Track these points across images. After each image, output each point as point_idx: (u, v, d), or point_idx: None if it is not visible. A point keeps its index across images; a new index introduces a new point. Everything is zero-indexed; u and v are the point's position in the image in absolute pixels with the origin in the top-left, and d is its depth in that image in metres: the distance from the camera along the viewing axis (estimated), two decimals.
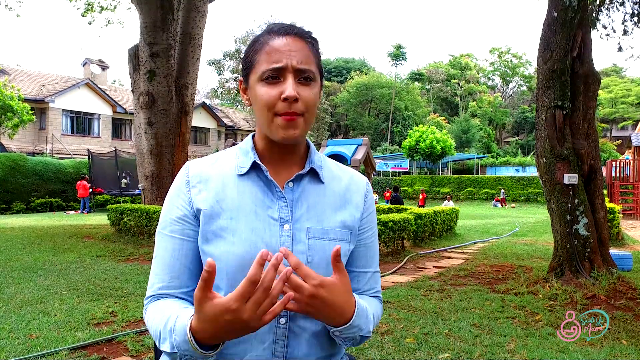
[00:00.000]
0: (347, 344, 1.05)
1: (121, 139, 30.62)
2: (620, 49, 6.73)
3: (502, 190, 28.16)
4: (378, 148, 44.87)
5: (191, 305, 1.01)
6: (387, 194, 25.30)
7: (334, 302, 0.92)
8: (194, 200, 1.05)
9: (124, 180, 19.85)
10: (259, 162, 1.05)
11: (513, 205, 26.63)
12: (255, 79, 1.02)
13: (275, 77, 1.00)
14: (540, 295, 5.29)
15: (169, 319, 0.94)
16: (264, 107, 1.00)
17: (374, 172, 21.70)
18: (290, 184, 1.06)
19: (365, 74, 53.13)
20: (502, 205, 27.05)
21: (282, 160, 1.08)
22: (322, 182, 1.10)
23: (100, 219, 14.18)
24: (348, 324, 0.97)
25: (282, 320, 1.00)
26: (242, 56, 1.12)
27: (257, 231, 1.01)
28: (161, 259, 1.06)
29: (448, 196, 25.17)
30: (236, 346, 1.00)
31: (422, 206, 19.14)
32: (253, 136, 1.12)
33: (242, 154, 1.09)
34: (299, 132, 1.01)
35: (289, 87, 0.98)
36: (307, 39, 1.05)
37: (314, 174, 1.09)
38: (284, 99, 0.98)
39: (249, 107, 1.14)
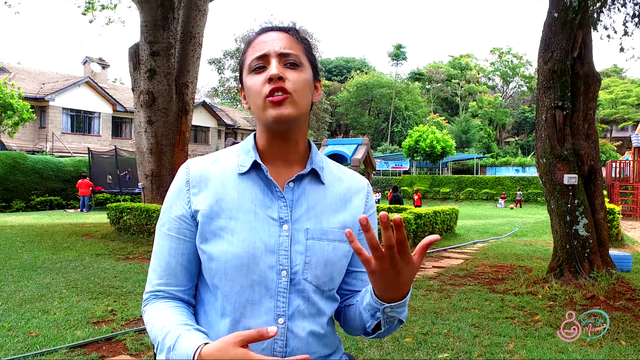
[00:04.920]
0: (386, 327, 1.04)
1: (121, 138, 30.61)
2: (622, 49, 6.72)
3: (520, 192, 27.18)
4: (378, 148, 44.86)
5: (187, 314, 1.03)
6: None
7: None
8: (192, 201, 1.05)
9: (108, 176, 19.91)
10: (259, 161, 1.05)
11: (511, 206, 26.47)
12: (245, 74, 1.06)
13: (261, 66, 1.03)
14: (540, 296, 5.29)
15: (168, 334, 0.95)
16: (254, 94, 1.03)
17: (374, 172, 21.68)
18: (291, 184, 1.06)
19: (366, 73, 53.11)
20: (517, 206, 26.44)
21: (283, 159, 1.08)
22: (323, 184, 1.10)
23: (99, 218, 14.18)
24: (404, 299, 0.99)
25: (281, 320, 1.00)
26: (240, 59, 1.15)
27: (256, 231, 1.01)
28: (159, 256, 1.07)
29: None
30: None
31: (419, 206, 18.74)
32: (255, 135, 1.12)
33: (244, 152, 1.09)
34: (289, 110, 1.01)
35: (273, 68, 1.01)
36: (289, 32, 1.08)
37: (314, 175, 1.09)
38: (269, 79, 1.00)
39: (248, 107, 1.16)
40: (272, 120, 1.01)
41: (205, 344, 0.90)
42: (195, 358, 0.88)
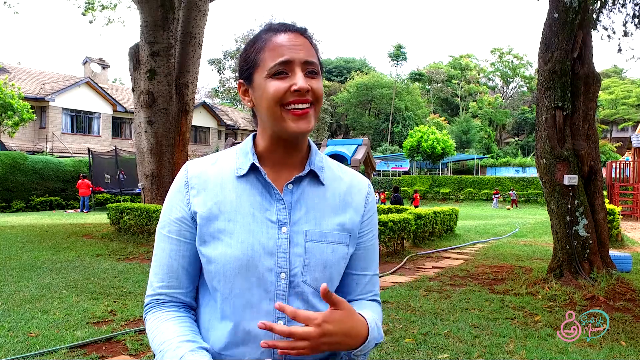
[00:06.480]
0: (365, 357, 1.05)
1: (121, 138, 30.61)
2: (620, 50, 6.73)
3: (514, 192, 27.23)
4: (378, 148, 44.86)
5: (189, 324, 1.03)
6: (382, 195, 24.50)
7: (344, 329, 0.94)
8: (191, 203, 1.05)
9: (107, 176, 19.93)
10: (257, 164, 1.05)
11: (509, 207, 26.37)
12: (261, 77, 1.02)
13: (283, 72, 1.00)
14: (540, 296, 5.29)
15: (168, 352, 0.95)
16: (273, 101, 0.99)
17: (374, 172, 21.67)
18: (290, 186, 1.06)
19: (366, 73, 53.12)
20: (513, 207, 26.41)
21: (284, 161, 1.08)
22: (323, 184, 1.09)
23: (100, 218, 14.18)
24: (366, 342, 0.98)
25: (280, 323, 1.00)
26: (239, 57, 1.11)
27: (254, 233, 1.01)
28: (160, 259, 1.07)
29: None
30: (235, 348, 1.00)
31: (417, 207, 18.58)
32: (254, 136, 1.11)
33: (242, 154, 1.08)
34: (310, 125, 1.01)
35: (300, 79, 0.99)
36: (305, 35, 1.06)
37: (314, 176, 1.09)
38: (295, 90, 0.98)
39: (249, 107, 1.13)
40: (290, 133, 1.00)
41: None
42: None
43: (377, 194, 27.20)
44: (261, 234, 1.01)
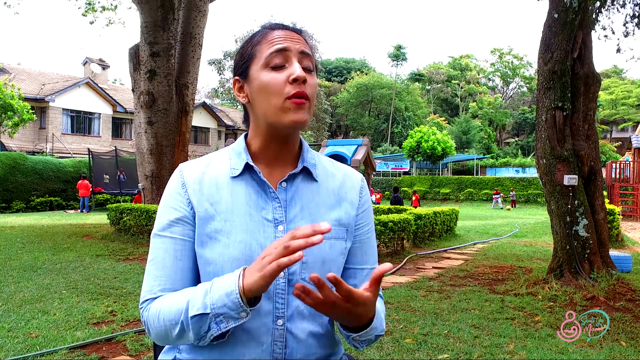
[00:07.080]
0: (363, 345, 1.06)
1: (121, 139, 30.60)
2: (619, 50, 6.74)
3: (513, 192, 27.21)
4: (378, 148, 44.86)
5: None
6: (378, 195, 24.24)
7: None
8: (192, 201, 1.04)
9: (105, 176, 19.93)
10: (251, 163, 1.05)
11: (508, 207, 26.33)
12: (257, 68, 1.02)
13: (280, 64, 1.00)
14: (540, 297, 5.29)
15: (197, 289, 0.95)
16: (272, 92, 1.00)
17: (374, 173, 21.66)
18: (284, 184, 1.06)
19: (366, 74, 53.13)
20: (512, 207, 26.39)
21: (277, 159, 1.08)
22: (316, 181, 1.09)
23: (100, 219, 14.18)
24: (369, 328, 0.99)
25: (280, 322, 1.00)
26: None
27: (251, 233, 1.01)
28: (161, 262, 1.04)
29: None
30: (234, 348, 0.99)
31: (417, 207, 18.42)
32: (245, 136, 1.11)
33: (235, 155, 1.08)
34: (307, 116, 1.01)
35: (297, 68, 0.99)
36: (302, 34, 1.07)
37: (307, 173, 1.09)
38: (294, 79, 0.98)
39: (245, 103, 1.11)
40: (288, 124, 1.00)
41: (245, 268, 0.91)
42: (240, 275, 0.89)
43: (372, 195, 27.11)
44: (258, 233, 1.01)
